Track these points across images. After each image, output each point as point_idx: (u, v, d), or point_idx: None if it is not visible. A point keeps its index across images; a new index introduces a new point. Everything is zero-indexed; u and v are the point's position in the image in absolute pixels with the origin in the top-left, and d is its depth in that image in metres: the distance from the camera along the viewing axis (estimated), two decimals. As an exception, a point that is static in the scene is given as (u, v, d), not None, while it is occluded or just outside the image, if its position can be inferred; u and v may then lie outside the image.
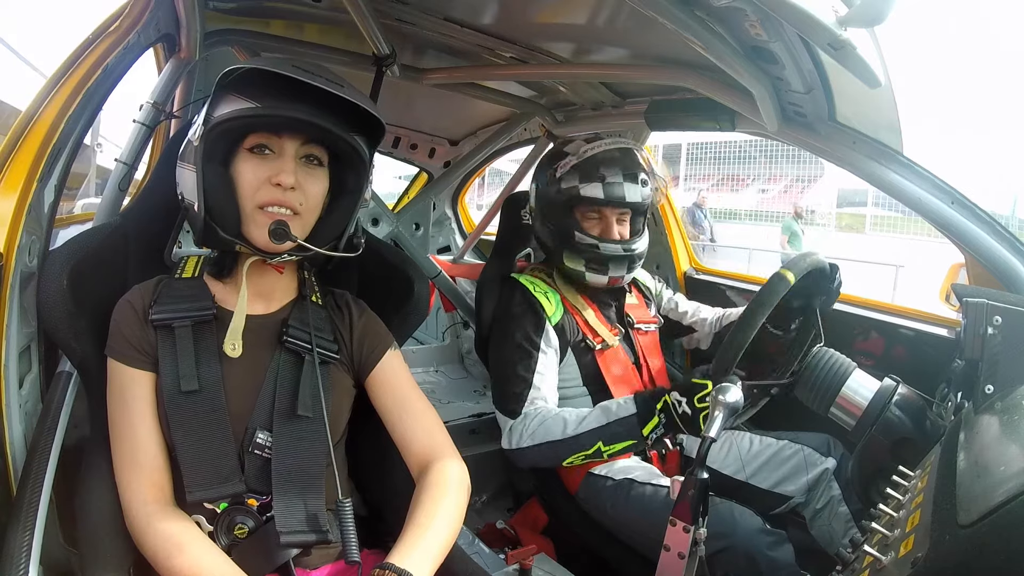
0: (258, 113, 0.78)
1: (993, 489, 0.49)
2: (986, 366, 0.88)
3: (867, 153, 1.13)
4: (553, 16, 1.25)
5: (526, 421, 1.27)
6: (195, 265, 0.89)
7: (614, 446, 1.17)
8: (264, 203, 0.80)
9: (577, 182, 1.36)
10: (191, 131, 0.82)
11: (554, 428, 1.23)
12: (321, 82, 0.78)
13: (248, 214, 0.81)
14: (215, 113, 0.79)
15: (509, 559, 1.15)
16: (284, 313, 0.89)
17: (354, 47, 1.38)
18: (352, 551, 0.77)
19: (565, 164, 1.40)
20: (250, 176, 0.80)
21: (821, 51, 0.80)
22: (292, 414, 0.82)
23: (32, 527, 0.72)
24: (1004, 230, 1.08)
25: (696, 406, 1.06)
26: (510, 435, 1.28)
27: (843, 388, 1.09)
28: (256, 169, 0.80)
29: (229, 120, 0.78)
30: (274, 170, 0.80)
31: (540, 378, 1.31)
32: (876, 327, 1.44)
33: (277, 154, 0.81)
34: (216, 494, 0.79)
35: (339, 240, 0.88)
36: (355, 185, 0.88)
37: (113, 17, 0.98)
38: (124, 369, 0.79)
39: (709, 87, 1.17)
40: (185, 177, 0.82)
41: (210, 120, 0.78)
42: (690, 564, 0.77)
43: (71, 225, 1.46)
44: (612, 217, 1.38)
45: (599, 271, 1.38)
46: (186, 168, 0.81)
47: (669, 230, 1.92)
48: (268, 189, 0.80)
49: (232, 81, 0.78)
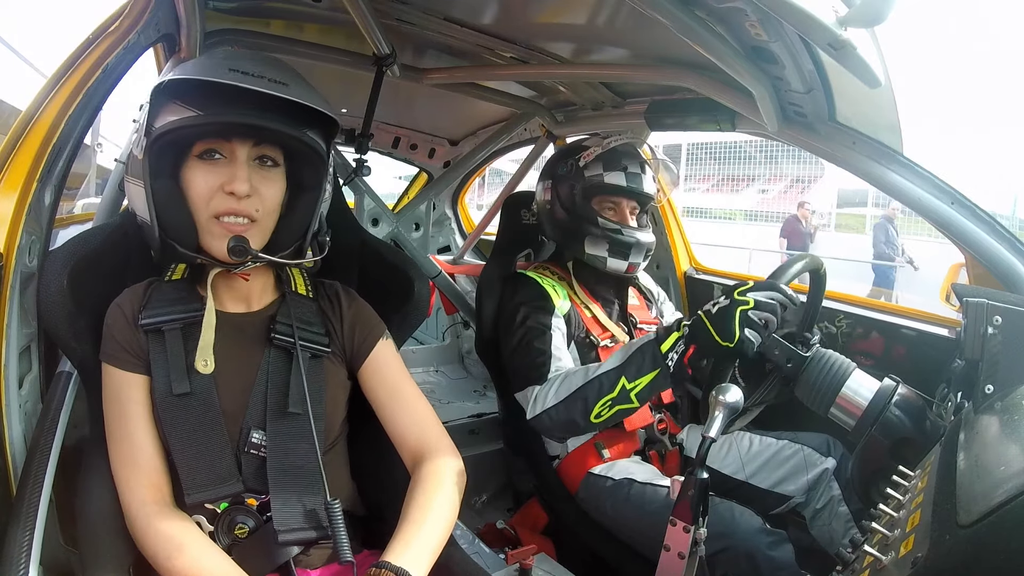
0: (200, 122, 0.75)
1: (993, 489, 0.49)
2: (986, 366, 0.88)
3: (867, 153, 1.13)
4: (553, 16, 1.24)
5: (551, 384, 1.23)
6: (185, 267, 0.87)
7: (639, 382, 1.10)
8: (219, 213, 0.77)
9: (602, 170, 1.42)
10: (132, 143, 0.78)
11: (575, 378, 1.19)
12: (262, 84, 0.74)
13: (203, 225, 0.78)
14: (156, 123, 0.75)
15: (509, 559, 1.15)
16: (272, 310, 0.88)
17: (354, 47, 1.38)
18: (344, 551, 0.77)
19: (589, 154, 1.45)
20: (201, 185, 0.77)
21: (821, 51, 0.80)
22: (284, 412, 0.82)
23: (32, 527, 0.72)
24: (1004, 230, 1.08)
25: (736, 298, 1.00)
26: (535, 402, 1.23)
27: (843, 388, 1.09)
28: (207, 177, 0.77)
29: (172, 131, 0.75)
30: (226, 177, 0.76)
31: (558, 351, 1.32)
32: (876, 327, 1.44)
33: (228, 159, 0.78)
34: (214, 495, 0.78)
35: (303, 240, 0.85)
36: (314, 182, 0.85)
37: (113, 17, 0.98)
38: (119, 373, 0.79)
39: (709, 87, 1.17)
40: (133, 193, 0.79)
41: (152, 131, 0.75)
42: (690, 564, 0.77)
43: (71, 225, 1.46)
44: (627, 208, 1.44)
45: (620, 256, 1.41)
46: (133, 183, 0.78)
47: (669, 230, 1.92)
48: (222, 198, 0.77)
49: (168, 86, 0.75)
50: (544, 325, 1.34)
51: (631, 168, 1.42)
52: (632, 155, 1.45)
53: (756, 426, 1.45)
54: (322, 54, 1.39)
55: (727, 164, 16.37)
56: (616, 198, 1.43)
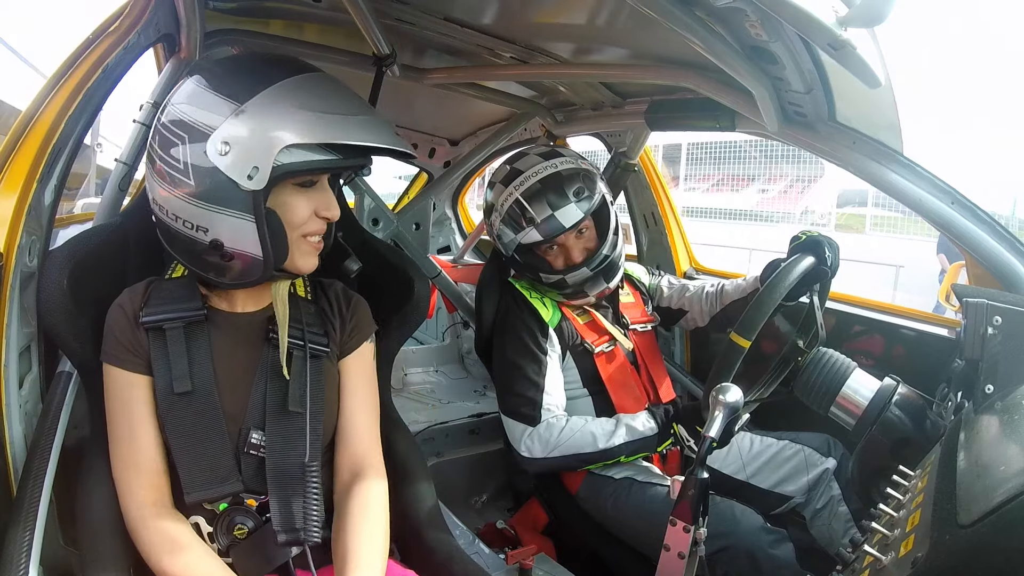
0: (337, 165, 0.78)
1: (993, 489, 0.49)
2: (986, 366, 0.88)
3: (867, 153, 1.13)
4: (553, 16, 1.24)
5: (550, 431, 1.27)
6: None
7: (632, 457, 1.27)
8: (309, 233, 0.81)
9: (514, 234, 1.34)
10: (226, 171, 0.71)
11: (583, 442, 1.26)
12: (394, 143, 0.79)
13: (293, 243, 0.80)
14: (277, 158, 0.71)
15: (509, 559, 1.15)
16: (271, 310, 0.88)
17: (354, 47, 1.38)
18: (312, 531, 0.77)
19: (493, 221, 1.38)
20: (303, 211, 0.79)
21: (821, 51, 0.80)
22: (283, 412, 0.82)
23: (32, 527, 0.72)
24: (1004, 230, 1.08)
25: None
26: (529, 443, 1.28)
27: (843, 388, 1.09)
28: (307, 203, 0.80)
29: (302, 172, 0.75)
30: (320, 203, 0.80)
31: (551, 383, 1.32)
32: (876, 327, 1.44)
33: (318, 184, 0.81)
34: (213, 494, 0.79)
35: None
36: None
37: (113, 17, 0.98)
38: (121, 373, 0.79)
39: (709, 87, 1.17)
40: (228, 225, 0.74)
41: (277, 166, 0.72)
42: (690, 564, 0.77)
43: (71, 225, 1.47)
44: (569, 241, 1.35)
45: (578, 295, 1.38)
46: (230, 215, 0.73)
47: (669, 230, 1.92)
48: (315, 221, 0.81)
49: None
50: (540, 350, 1.34)
51: (539, 215, 1.29)
52: (533, 198, 1.30)
53: (757, 426, 1.45)
54: (322, 54, 1.39)
55: (727, 164, 16.38)
56: (550, 242, 1.34)
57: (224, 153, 0.71)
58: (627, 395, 1.37)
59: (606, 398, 1.37)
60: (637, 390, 1.39)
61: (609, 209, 1.38)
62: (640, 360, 1.43)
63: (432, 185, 2.22)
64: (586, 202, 1.31)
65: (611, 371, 1.38)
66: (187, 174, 0.72)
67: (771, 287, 1.05)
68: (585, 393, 1.39)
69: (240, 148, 0.71)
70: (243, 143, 0.71)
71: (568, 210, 1.29)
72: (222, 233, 0.74)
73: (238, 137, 0.71)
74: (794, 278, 1.05)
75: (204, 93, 0.74)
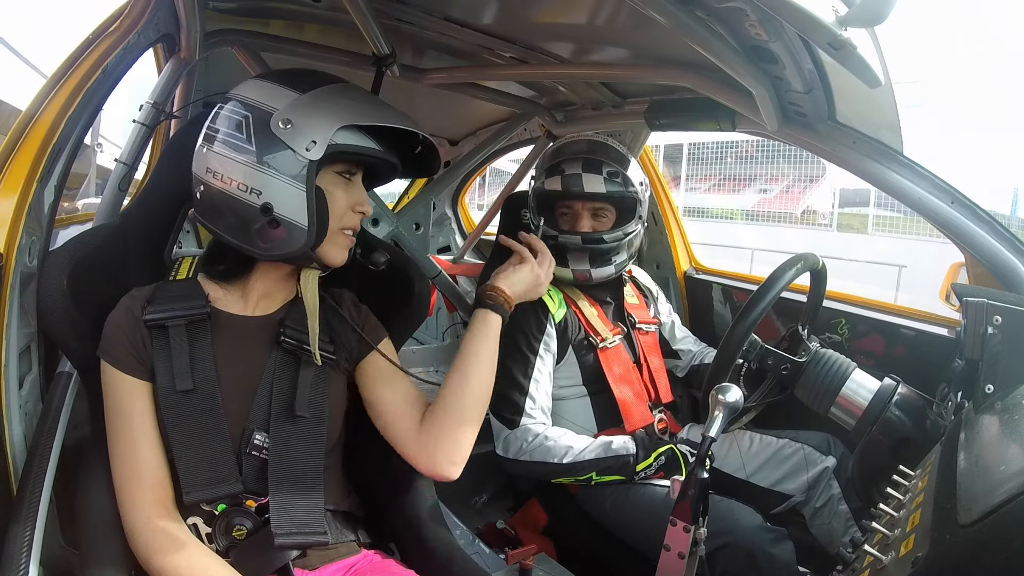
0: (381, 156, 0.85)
1: (993, 489, 0.49)
2: (986, 366, 0.88)
3: (867, 153, 1.13)
4: (553, 16, 1.24)
5: (525, 436, 1.28)
6: (189, 266, 0.89)
7: (604, 477, 1.26)
8: (345, 227, 0.85)
9: (545, 178, 1.40)
10: (287, 140, 0.77)
11: (554, 452, 1.26)
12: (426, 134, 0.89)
13: (331, 233, 0.84)
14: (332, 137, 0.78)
15: (509, 559, 1.15)
16: (280, 314, 0.89)
17: (354, 47, 1.38)
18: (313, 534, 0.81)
19: (540, 163, 1.45)
20: (343, 201, 0.84)
21: (821, 51, 0.80)
22: (289, 415, 0.82)
23: (32, 527, 0.72)
24: (1004, 230, 1.08)
25: None
26: (506, 444, 1.30)
27: (843, 388, 1.09)
28: (346, 194, 0.85)
29: (351, 154, 0.82)
30: (357, 199, 0.86)
31: (535, 385, 1.32)
32: (876, 327, 1.44)
33: (355, 180, 0.86)
34: (213, 495, 0.78)
35: None
36: None
37: (113, 17, 0.98)
38: (122, 379, 0.79)
39: (709, 87, 1.17)
40: (282, 190, 0.78)
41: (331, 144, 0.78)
42: (690, 564, 0.77)
43: (71, 225, 1.46)
44: (582, 210, 1.38)
45: (562, 263, 1.37)
46: (284, 181, 0.78)
47: (669, 230, 1.92)
48: (351, 216, 0.86)
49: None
50: (530, 350, 1.34)
51: (569, 170, 1.36)
52: (574, 153, 1.38)
53: (756, 425, 1.45)
54: (322, 54, 1.39)
55: (727, 164, 16.37)
56: (567, 202, 1.39)
57: (286, 127, 0.77)
58: (629, 391, 1.37)
59: (607, 396, 1.36)
60: (638, 387, 1.39)
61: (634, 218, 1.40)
62: (643, 359, 1.43)
63: (432, 185, 2.22)
64: (614, 185, 1.36)
65: (614, 367, 1.38)
66: (249, 141, 0.78)
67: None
68: (583, 392, 1.39)
69: (301, 124, 0.78)
70: (304, 120, 0.78)
71: (594, 179, 1.35)
72: (274, 196, 0.78)
73: (300, 115, 0.78)
74: None
75: (267, 84, 0.81)
